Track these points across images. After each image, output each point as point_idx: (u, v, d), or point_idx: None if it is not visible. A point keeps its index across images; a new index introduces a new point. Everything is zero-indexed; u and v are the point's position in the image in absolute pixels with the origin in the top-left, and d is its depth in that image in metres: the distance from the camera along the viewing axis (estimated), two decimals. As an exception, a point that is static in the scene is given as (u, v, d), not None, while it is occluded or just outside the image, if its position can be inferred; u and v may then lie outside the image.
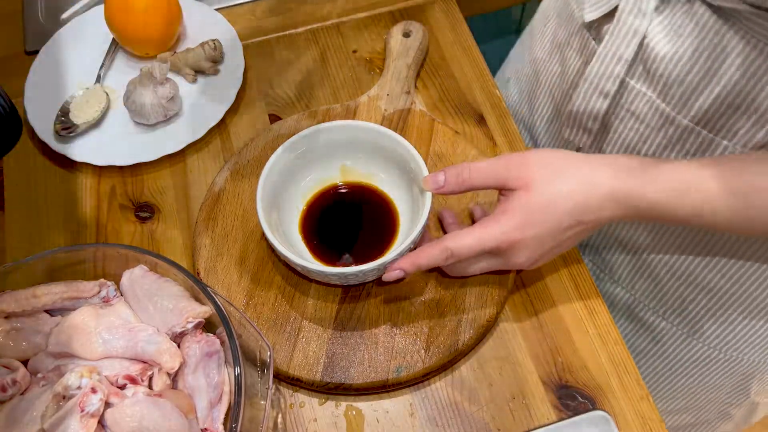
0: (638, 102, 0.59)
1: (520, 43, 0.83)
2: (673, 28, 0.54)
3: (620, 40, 0.57)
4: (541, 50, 0.72)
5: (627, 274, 0.69)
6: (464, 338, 0.59)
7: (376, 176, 0.66)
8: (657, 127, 0.59)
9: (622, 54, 0.57)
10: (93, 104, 0.75)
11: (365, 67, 0.79)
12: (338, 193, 0.66)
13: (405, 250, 0.56)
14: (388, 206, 0.65)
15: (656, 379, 0.75)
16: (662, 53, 0.55)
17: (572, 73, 0.66)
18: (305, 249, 0.63)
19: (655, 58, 0.56)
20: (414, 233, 0.56)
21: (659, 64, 0.56)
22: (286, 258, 0.57)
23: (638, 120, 0.60)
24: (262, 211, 0.58)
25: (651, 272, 0.67)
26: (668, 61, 0.55)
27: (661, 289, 0.67)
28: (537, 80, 0.74)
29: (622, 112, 0.61)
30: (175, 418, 0.49)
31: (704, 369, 0.71)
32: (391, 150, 0.62)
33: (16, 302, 0.54)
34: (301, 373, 0.58)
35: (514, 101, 0.80)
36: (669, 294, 0.67)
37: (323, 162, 0.65)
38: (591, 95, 0.61)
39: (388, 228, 0.63)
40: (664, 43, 0.55)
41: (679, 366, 0.72)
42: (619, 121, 0.61)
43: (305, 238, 0.63)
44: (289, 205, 0.64)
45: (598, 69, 0.59)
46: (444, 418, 0.58)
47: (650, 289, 0.68)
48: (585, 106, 0.62)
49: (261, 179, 0.60)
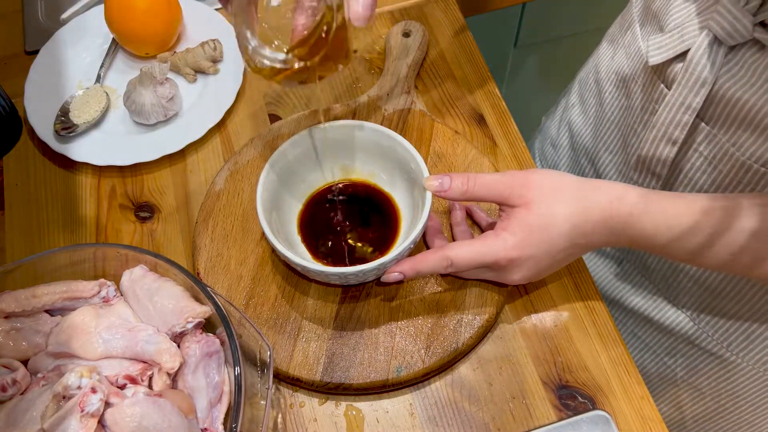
0: (709, 145, 0.59)
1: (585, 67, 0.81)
2: (744, 75, 0.54)
3: (688, 90, 0.57)
4: (607, 79, 0.71)
5: (693, 303, 0.68)
6: (464, 338, 0.59)
7: (376, 176, 0.66)
8: (728, 172, 0.58)
9: (690, 103, 0.57)
10: (93, 104, 0.75)
11: (365, 67, 0.79)
12: (338, 193, 0.66)
13: (405, 251, 0.56)
14: (388, 206, 0.65)
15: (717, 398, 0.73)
16: (734, 99, 0.55)
17: (638, 109, 0.65)
18: (305, 249, 0.63)
19: (726, 104, 0.55)
20: (414, 234, 0.56)
21: (731, 109, 0.55)
22: (286, 258, 0.57)
23: (710, 164, 0.59)
24: (262, 211, 0.58)
25: (717, 305, 0.65)
26: (740, 108, 0.55)
27: (726, 321, 0.66)
28: (602, 109, 0.72)
29: (694, 155, 0.60)
30: (175, 418, 0.49)
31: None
32: (391, 150, 0.62)
33: (16, 302, 0.54)
34: (301, 373, 0.58)
35: (579, 125, 0.78)
36: (735, 327, 0.66)
37: (323, 162, 0.65)
38: (659, 142, 0.61)
39: (388, 228, 0.63)
40: (736, 89, 0.54)
41: (744, 392, 0.70)
42: (690, 165, 0.61)
43: (305, 238, 0.63)
44: (289, 205, 0.64)
45: (666, 117, 0.59)
46: (444, 418, 0.58)
47: (715, 320, 0.67)
48: (653, 152, 0.62)
49: (261, 179, 0.60)
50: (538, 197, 0.54)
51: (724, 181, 0.59)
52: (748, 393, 0.70)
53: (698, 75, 0.56)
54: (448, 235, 0.64)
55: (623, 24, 0.70)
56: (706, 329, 0.68)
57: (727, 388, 0.70)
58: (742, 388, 0.69)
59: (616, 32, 0.71)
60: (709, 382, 0.71)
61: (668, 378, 0.74)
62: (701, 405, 0.74)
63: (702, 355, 0.70)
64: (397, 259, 0.56)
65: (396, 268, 0.56)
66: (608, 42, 0.73)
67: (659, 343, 0.73)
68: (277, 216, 0.62)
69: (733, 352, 0.67)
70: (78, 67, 0.79)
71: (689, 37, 0.56)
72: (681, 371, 0.73)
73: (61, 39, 0.81)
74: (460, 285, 0.61)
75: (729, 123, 0.56)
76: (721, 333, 0.67)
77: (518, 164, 0.71)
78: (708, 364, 0.70)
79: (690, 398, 0.74)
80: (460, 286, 0.61)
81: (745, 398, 0.70)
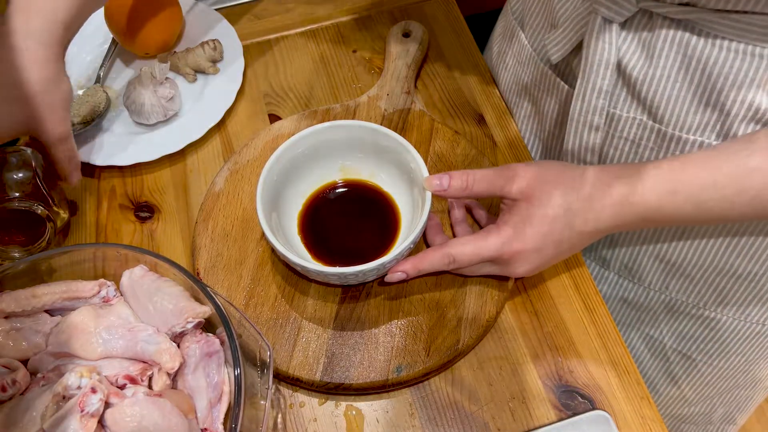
0: (631, 128, 0.59)
1: None
2: (642, 49, 0.54)
3: (595, 75, 0.57)
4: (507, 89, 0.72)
5: (658, 278, 0.68)
6: (464, 338, 0.59)
7: (376, 176, 0.66)
8: (656, 147, 0.59)
9: (600, 86, 0.57)
10: (93, 104, 0.75)
11: (365, 67, 0.79)
12: (338, 192, 0.66)
13: (405, 251, 0.56)
14: (388, 205, 0.65)
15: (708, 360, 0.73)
16: (641, 77, 0.55)
17: (550, 113, 0.66)
18: (304, 249, 0.63)
19: (635, 83, 0.56)
20: (414, 234, 0.56)
21: (641, 87, 0.56)
22: (286, 258, 0.57)
23: (635, 144, 0.60)
24: (262, 211, 0.58)
25: (683, 271, 0.66)
26: (648, 83, 0.55)
27: (696, 285, 0.66)
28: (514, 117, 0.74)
29: (617, 140, 0.61)
30: (175, 418, 0.49)
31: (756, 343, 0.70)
32: (391, 150, 0.62)
33: (16, 302, 0.54)
34: (300, 373, 0.58)
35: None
36: (706, 287, 0.66)
37: (323, 162, 0.65)
38: (582, 131, 0.61)
39: (388, 227, 0.63)
40: (640, 66, 0.55)
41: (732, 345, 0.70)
42: (614, 150, 0.61)
43: (305, 238, 0.63)
44: (289, 205, 0.64)
45: (581, 106, 0.59)
46: (444, 418, 0.58)
47: (685, 286, 0.67)
48: (579, 142, 0.62)
49: (261, 179, 0.60)
50: (538, 189, 0.54)
51: (651, 156, 0.59)
52: (736, 346, 0.70)
53: (599, 59, 0.56)
54: (449, 233, 0.64)
55: (505, 34, 0.70)
56: (678, 296, 0.68)
57: (715, 347, 0.71)
58: (729, 342, 0.70)
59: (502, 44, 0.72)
60: (697, 345, 0.72)
61: (658, 352, 0.75)
62: (696, 374, 0.75)
63: (684, 319, 0.70)
64: (398, 259, 0.56)
65: (398, 268, 0.57)
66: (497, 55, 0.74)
67: (638, 318, 0.74)
68: (277, 216, 0.62)
69: (710, 308, 0.67)
70: (78, 67, 0.79)
71: (581, 26, 0.57)
72: (668, 340, 0.73)
73: (61, 39, 0.81)
74: (460, 285, 0.61)
75: (642, 99, 0.56)
76: (693, 296, 0.67)
77: (518, 164, 0.71)
78: (691, 327, 0.70)
79: (683, 369, 0.75)
80: (460, 285, 0.61)
81: (735, 351, 0.71)
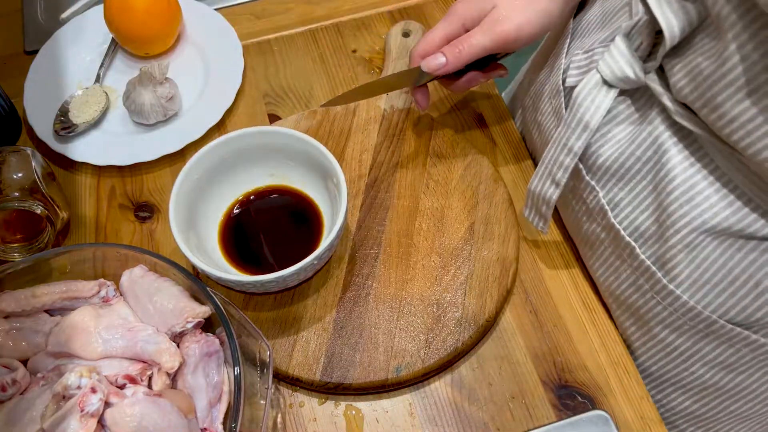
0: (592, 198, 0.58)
1: None
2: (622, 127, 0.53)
3: (571, 131, 0.54)
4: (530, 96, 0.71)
5: None
6: (464, 338, 0.59)
7: (292, 179, 0.65)
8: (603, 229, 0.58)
9: (572, 146, 0.55)
10: (92, 104, 0.75)
11: (365, 67, 0.79)
12: (256, 200, 0.65)
13: (324, 253, 0.56)
14: (308, 205, 0.64)
15: None
16: (608, 155, 0.54)
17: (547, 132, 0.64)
18: (226, 262, 0.62)
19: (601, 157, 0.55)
20: (331, 235, 0.56)
21: (605, 162, 0.55)
22: (204, 272, 0.56)
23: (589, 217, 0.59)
24: (177, 229, 0.57)
25: None
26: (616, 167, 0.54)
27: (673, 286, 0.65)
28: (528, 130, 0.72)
29: (578, 204, 0.60)
30: (175, 418, 0.49)
31: None
32: (302, 151, 0.62)
33: (15, 302, 0.54)
34: (300, 373, 0.58)
35: None
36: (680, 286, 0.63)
37: (237, 171, 0.64)
38: (545, 180, 0.59)
39: (311, 229, 0.63)
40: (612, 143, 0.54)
41: None
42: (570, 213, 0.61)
43: (226, 251, 0.62)
44: (206, 219, 0.63)
45: (552, 155, 0.57)
46: (444, 417, 0.58)
47: None
48: (540, 189, 0.59)
49: (172, 198, 0.58)
50: None
51: (599, 238, 0.58)
52: None
53: (581, 116, 0.53)
54: None
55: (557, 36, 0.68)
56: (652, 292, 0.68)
57: None
58: None
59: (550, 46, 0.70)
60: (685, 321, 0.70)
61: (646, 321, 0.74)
62: None
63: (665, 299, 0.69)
64: (323, 256, 0.56)
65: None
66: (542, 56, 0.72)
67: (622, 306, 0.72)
68: (195, 233, 0.61)
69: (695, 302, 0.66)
70: (77, 67, 0.79)
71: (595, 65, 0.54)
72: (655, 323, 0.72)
73: (61, 39, 0.81)
74: (460, 284, 0.61)
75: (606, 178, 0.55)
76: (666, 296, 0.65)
77: (518, 164, 0.71)
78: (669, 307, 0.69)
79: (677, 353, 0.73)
80: (460, 285, 0.61)
81: None
